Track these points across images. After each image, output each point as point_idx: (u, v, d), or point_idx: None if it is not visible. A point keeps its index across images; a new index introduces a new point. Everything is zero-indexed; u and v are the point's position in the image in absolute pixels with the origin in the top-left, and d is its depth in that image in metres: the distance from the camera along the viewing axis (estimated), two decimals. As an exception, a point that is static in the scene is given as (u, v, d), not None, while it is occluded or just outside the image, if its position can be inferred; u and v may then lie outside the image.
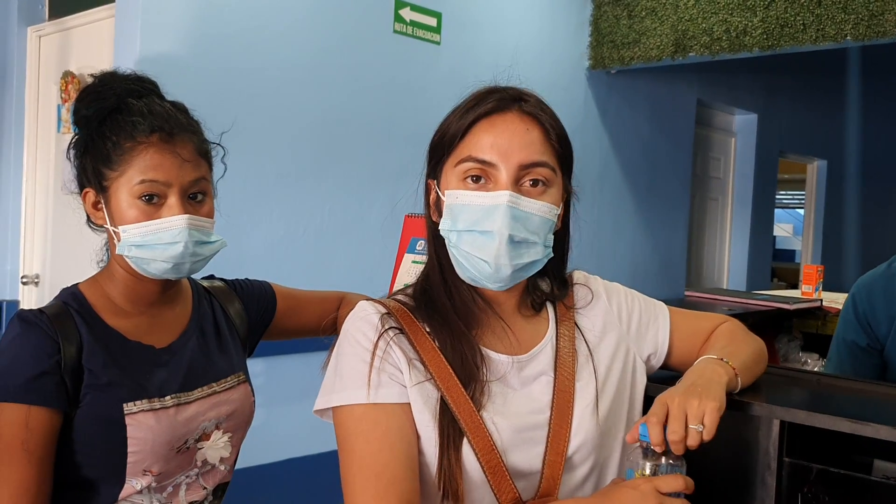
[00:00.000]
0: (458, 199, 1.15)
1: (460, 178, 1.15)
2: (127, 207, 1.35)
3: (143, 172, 1.34)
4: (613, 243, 5.38)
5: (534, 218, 1.14)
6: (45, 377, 1.28)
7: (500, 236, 1.11)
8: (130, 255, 1.36)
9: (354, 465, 1.10)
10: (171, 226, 1.34)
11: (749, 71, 6.40)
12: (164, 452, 1.36)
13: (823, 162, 7.86)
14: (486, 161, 1.13)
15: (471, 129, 1.15)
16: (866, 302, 2.05)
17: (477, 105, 1.16)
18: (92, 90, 1.40)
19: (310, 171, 3.65)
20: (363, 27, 3.80)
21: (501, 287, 1.17)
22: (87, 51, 3.60)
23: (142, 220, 1.34)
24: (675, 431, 1.05)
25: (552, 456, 1.13)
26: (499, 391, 1.15)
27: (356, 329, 1.17)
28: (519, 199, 1.12)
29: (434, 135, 1.21)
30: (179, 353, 1.44)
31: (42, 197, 3.88)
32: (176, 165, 1.35)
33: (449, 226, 1.16)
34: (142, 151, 1.34)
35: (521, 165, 1.13)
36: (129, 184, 1.34)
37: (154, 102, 1.39)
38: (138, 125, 1.34)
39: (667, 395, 1.10)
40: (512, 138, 1.14)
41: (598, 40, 5.03)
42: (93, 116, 1.38)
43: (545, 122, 1.17)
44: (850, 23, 4.09)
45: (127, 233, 1.35)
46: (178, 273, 1.39)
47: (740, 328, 1.33)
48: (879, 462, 1.21)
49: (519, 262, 1.13)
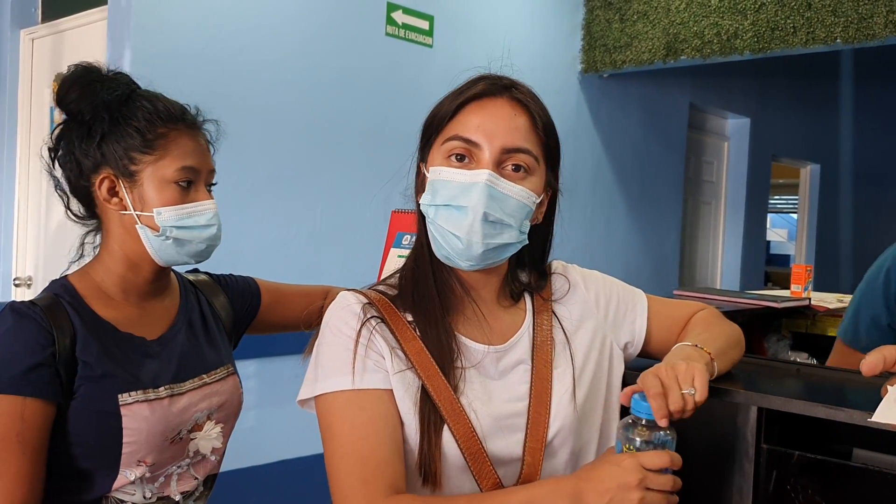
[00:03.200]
0: (440, 175, 1.16)
1: (445, 155, 1.17)
2: (161, 191, 1.38)
3: (183, 158, 1.39)
4: (606, 247, 5.40)
5: (511, 200, 1.15)
6: (40, 369, 1.29)
7: (473, 212, 1.12)
8: (170, 237, 1.39)
9: (339, 451, 1.11)
10: (205, 209, 1.42)
11: (742, 75, 6.44)
12: (158, 443, 1.37)
13: (816, 166, 7.89)
14: (471, 140, 1.15)
15: (461, 111, 1.18)
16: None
17: (469, 88, 1.19)
18: (96, 77, 1.41)
19: (302, 172, 3.66)
20: (355, 30, 3.82)
21: (472, 266, 1.17)
22: (80, 53, 3.60)
23: (178, 203, 1.39)
24: (675, 401, 1.04)
25: (532, 442, 1.14)
26: (477, 380, 1.17)
27: (338, 318, 1.18)
28: (498, 180, 1.14)
29: (425, 119, 1.24)
30: (170, 344, 1.46)
31: (35, 199, 3.89)
32: (203, 153, 1.43)
33: (429, 200, 1.17)
34: (177, 136, 1.39)
35: (504, 149, 1.15)
36: (167, 168, 1.38)
37: (162, 95, 1.44)
38: (168, 110, 1.39)
39: (654, 369, 1.09)
40: (498, 121, 1.16)
41: (590, 44, 5.06)
42: (114, 101, 1.39)
43: (533, 111, 1.19)
44: (839, 26, 4.12)
45: (163, 215, 1.38)
46: (204, 257, 1.46)
47: (716, 315, 1.34)
48: (858, 451, 1.22)
49: (491, 241, 1.15)
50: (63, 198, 1.46)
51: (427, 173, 1.19)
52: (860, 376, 1.22)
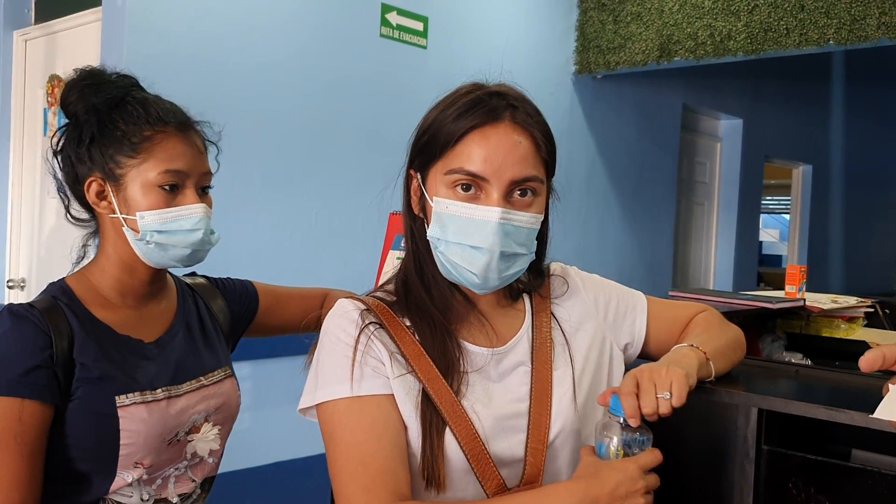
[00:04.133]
0: (448, 208, 1.14)
1: (450, 185, 1.15)
2: (145, 195, 1.37)
3: (167, 161, 1.37)
4: (599, 248, 5.41)
5: (523, 231, 1.15)
6: (38, 371, 1.28)
7: (490, 253, 1.12)
8: (151, 242, 1.38)
9: (342, 458, 1.11)
10: (190, 213, 1.39)
11: (735, 76, 6.46)
12: (155, 445, 1.37)
13: (809, 167, 7.91)
14: (478, 175, 1.13)
15: (462, 139, 1.14)
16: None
17: (468, 112, 1.14)
18: (92, 81, 1.41)
19: (297, 174, 3.66)
20: (350, 31, 3.82)
21: (486, 293, 1.20)
22: (74, 55, 3.60)
23: (162, 208, 1.37)
24: (648, 404, 1.06)
25: (534, 443, 1.15)
26: (478, 382, 1.17)
27: (336, 326, 1.18)
28: (510, 215, 1.13)
29: (420, 128, 1.20)
30: (167, 347, 1.45)
31: (28, 201, 3.88)
32: (194, 156, 1.41)
33: (438, 234, 1.16)
34: (163, 140, 1.37)
35: (513, 181, 1.13)
36: (150, 171, 1.36)
37: (159, 97, 1.42)
38: (156, 113, 1.38)
39: (636, 370, 1.12)
40: (506, 154, 1.13)
41: (583, 45, 5.06)
42: (103, 105, 1.38)
43: (536, 135, 1.16)
44: (832, 27, 4.13)
45: (145, 219, 1.37)
46: (192, 261, 1.43)
47: (717, 317, 1.35)
48: (857, 451, 1.22)
49: (507, 274, 1.16)
50: (64, 200, 1.46)
51: (430, 200, 1.17)
52: (859, 378, 1.22)
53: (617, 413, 1.07)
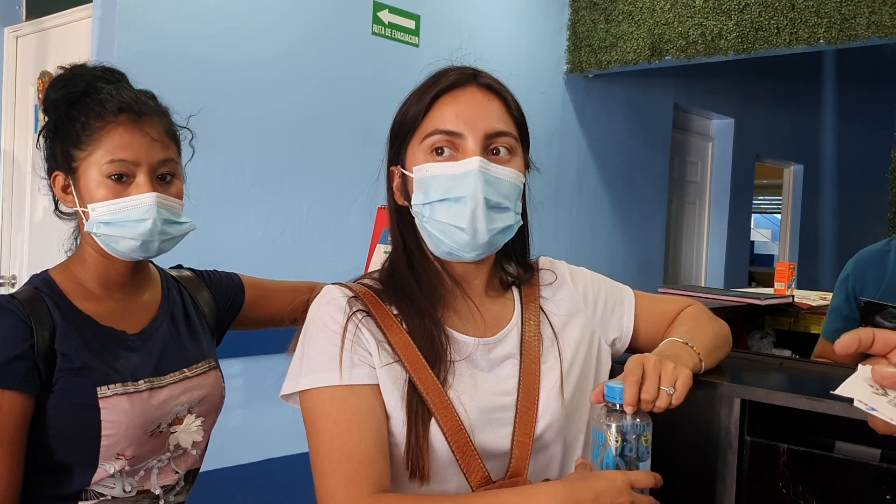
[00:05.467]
0: (428, 171, 1.16)
1: (427, 151, 1.17)
2: (96, 187, 1.36)
3: (113, 152, 1.36)
4: (591, 247, 5.41)
5: (504, 183, 1.16)
6: (19, 361, 1.29)
7: (474, 200, 1.13)
8: (99, 233, 1.37)
9: (324, 447, 1.10)
10: (139, 203, 1.36)
11: (726, 76, 6.47)
12: (137, 436, 1.37)
13: (800, 166, 7.94)
14: (454, 132, 1.15)
15: (433, 105, 1.18)
16: (858, 275, 2.15)
17: (436, 83, 1.20)
18: (62, 77, 1.42)
19: (288, 171, 3.66)
20: (341, 29, 3.81)
21: (478, 256, 1.19)
22: (65, 51, 3.59)
23: (111, 199, 1.36)
24: (649, 391, 1.05)
25: (520, 437, 1.15)
26: (466, 372, 1.17)
27: (324, 313, 1.18)
28: (489, 165, 1.15)
29: (393, 121, 1.24)
30: (151, 338, 1.45)
31: (18, 197, 3.87)
32: (145, 145, 1.38)
33: (421, 199, 1.17)
34: (110, 131, 1.36)
35: (487, 134, 1.16)
36: (98, 163, 1.36)
37: (123, 87, 1.42)
38: (107, 104, 1.36)
39: (643, 356, 1.10)
40: (475, 108, 1.17)
41: (575, 44, 5.07)
42: (62, 100, 1.39)
43: (504, 94, 1.21)
44: (822, 26, 4.15)
45: (95, 211, 1.36)
46: (146, 252, 1.40)
47: (705, 312, 1.35)
48: (840, 443, 1.23)
49: (494, 226, 1.15)
50: (51, 195, 1.47)
51: (410, 174, 1.19)
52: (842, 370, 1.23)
53: (612, 399, 1.06)
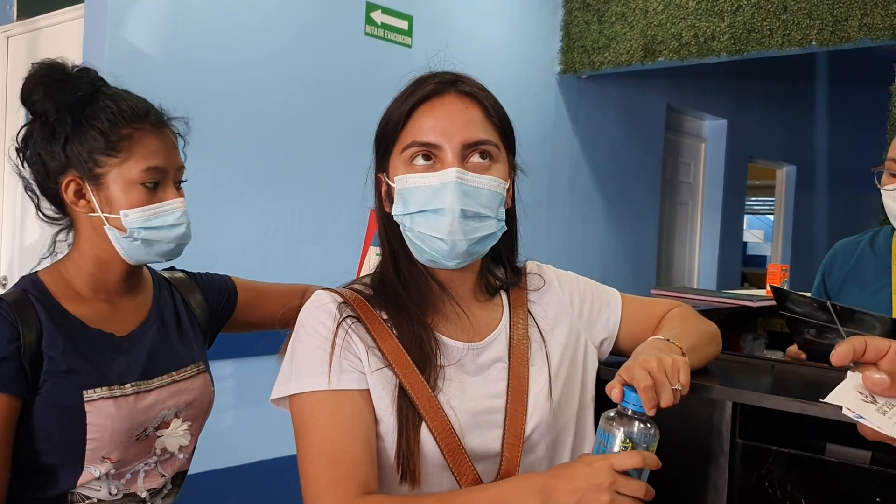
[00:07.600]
0: (408, 182, 1.16)
1: (407, 162, 1.17)
2: (128, 193, 1.37)
3: (148, 159, 1.38)
4: (583, 247, 5.42)
5: (483, 192, 1.15)
6: (5, 363, 1.28)
7: (451, 212, 1.13)
8: (138, 239, 1.38)
9: (312, 451, 1.10)
10: (173, 208, 1.41)
11: (719, 77, 6.49)
12: (123, 439, 1.36)
13: (792, 167, 7.96)
14: (430, 143, 1.15)
15: (412, 115, 1.18)
16: (829, 260, 2.20)
17: (415, 91, 1.19)
18: (59, 76, 1.39)
19: (280, 172, 3.65)
20: (334, 29, 3.81)
21: (459, 264, 1.18)
22: (56, 51, 3.53)
23: (144, 205, 1.38)
24: (667, 398, 1.04)
25: (510, 438, 1.15)
26: (455, 377, 1.17)
27: (314, 318, 1.18)
28: (466, 175, 1.14)
29: (377, 129, 1.24)
30: (140, 341, 1.45)
31: (9, 199, 3.85)
32: (170, 152, 1.42)
33: (401, 210, 1.17)
34: (141, 137, 1.38)
35: (465, 144, 1.15)
36: (132, 169, 1.37)
37: (128, 91, 1.42)
38: (130, 110, 1.38)
39: (641, 362, 1.08)
40: (452, 118, 1.16)
41: (568, 45, 5.08)
42: (76, 103, 1.37)
43: (484, 101, 1.19)
44: (815, 28, 4.17)
45: (129, 217, 1.37)
46: (175, 255, 1.46)
47: (691, 312, 1.36)
48: (832, 446, 1.23)
49: (473, 236, 1.15)
50: (33, 198, 1.45)
51: (392, 183, 1.19)
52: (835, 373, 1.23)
53: (627, 405, 1.04)
